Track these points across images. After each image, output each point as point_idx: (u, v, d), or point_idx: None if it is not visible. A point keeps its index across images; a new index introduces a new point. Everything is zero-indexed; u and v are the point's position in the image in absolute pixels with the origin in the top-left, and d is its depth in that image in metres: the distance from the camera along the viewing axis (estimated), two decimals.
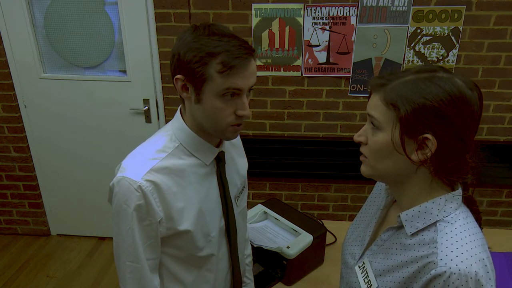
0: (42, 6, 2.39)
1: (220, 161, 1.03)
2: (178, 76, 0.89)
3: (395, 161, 0.78)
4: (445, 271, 0.71)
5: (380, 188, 1.04)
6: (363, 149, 0.85)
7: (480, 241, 0.76)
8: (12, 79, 2.54)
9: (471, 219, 0.80)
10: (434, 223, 0.78)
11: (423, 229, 0.79)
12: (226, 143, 1.09)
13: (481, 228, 0.82)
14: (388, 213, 0.95)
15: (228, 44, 0.85)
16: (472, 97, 0.73)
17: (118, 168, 0.94)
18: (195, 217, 0.98)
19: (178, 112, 1.00)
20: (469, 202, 0.85)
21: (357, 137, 0.86)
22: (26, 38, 2.43)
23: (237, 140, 1.17)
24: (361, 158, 0.87)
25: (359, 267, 0.92)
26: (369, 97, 0.84)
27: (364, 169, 0.86)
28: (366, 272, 0.89)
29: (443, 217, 0.78)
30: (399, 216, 0.83)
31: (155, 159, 0.93)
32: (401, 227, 0.83)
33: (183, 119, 0.98)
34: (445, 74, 0.75)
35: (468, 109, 0.73)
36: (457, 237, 0.75)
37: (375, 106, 0.79)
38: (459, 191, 0.80)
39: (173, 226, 0.95)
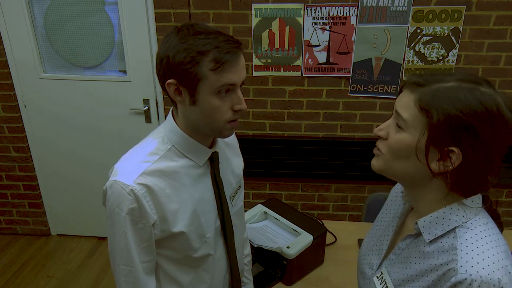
0: (42, 6, 2.39)
1: (213, 161, 1.03)
2: (170, 80, 0.88)
3: (412, 165, 0.76)
4: (465, 278, 0.68)
5: (395, 195, 1.00)
6: (380, 144, 0.81)
7: (503, 248, 0.73)
8: (12, 79, 2.54)
9: (492, 224, 0.77)
10: (453, 229, 0.75)
11: (442, 236, 0.76)
12: (220, 143, 1.08)
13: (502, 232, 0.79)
14: (406, 220, 0.92)
15: (216, 41, 0.85)
16: (510, 118, 0.70)
17: (111, 171, 0.94)
18: (190, 219, 0.98)
19: (170, 114, 1.00)
20: (492, 215, 0.81)
21: (378, 131, 0.81)
22: (26, 38, 2.43)
23: (232, 140, 1.17)
24: (375, 150, 0.83)
25: (377, 278, 0.89)
26: (399, 93, 0.80)
27: (375, 163, 0.82)
28: (385, 283, 0.86)
29: (462, 223, 0.75)
30: (416, 223, 0.80)
31: (147, 162, 0.93)
32: (419, 234, 0.81)
33: (175, 122, 0.98)
34: (488, 89, 0.71)
35: (503, 130, 0.70)
36: (477, 243, 0.72)
37: (407, 106, 0.75)
38: (477, 197, 0.77)
39: (167, 228, 0.95)
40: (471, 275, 0.68)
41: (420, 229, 0.79)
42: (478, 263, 0.69)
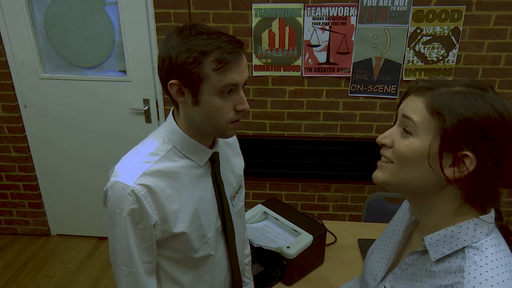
0: (42, 6, 2.39)
1: (214, 162, 1.03)
2: (172, 81, 0.88)
3: (421, 173, 0.71)
4: None
5: (406, 204, 0.96)
6: (386, 152, 0.76)
7: None
8: (12, 79, 2.54)
9: (504, 246, 0.72)
10: (462, 249, 0.71)
11: (449, 255, 0.72)
12: (221, 143, 1.08)
13: None
14: (413, 234, 0.89)
15: (218, 41, 0.85)
16: None
17: (111, 172, 0.94)
18: (190, 219, 0.98)
19: (170, 115, 1.00)
20: (503, 231, 0.76)
21: (382, 138, 0.77)
22: (26, 38, 2.43)
23: (233, 140, 1.17)
24: (380, 162, 0.78)
25: None
26: (403, 98, 0.77)
27: (380, 175, 0.77)
28: None
29: (472, 243, 0.70)
30: (423, 239, 0.76)
31: (148, 162, 0.93)
32: (426, 251, 0.76)
33: (176, 122, 0.97)
34: (495, 95, 0.69)
35: None
36: (487, 266, 0.67)
37: (417, 109, 0.71)
38: (490, 215, 0.72)
39: (168, 229, 0.95)
40: None
41: (427, 246, 0.75)
42: None
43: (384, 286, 0.85)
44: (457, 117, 0.67)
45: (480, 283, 0.66)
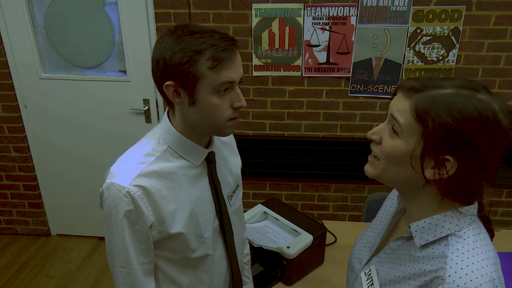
0: (42, 6, 2.39)
1: (210, 161, 1.03)
2: (168, 82, 0.88)
3: (405, 172, 0.75)
4: None
5: (394, 193, 1.01)
6: (375, 148, 0.80)
7: (493, 260, 0.73)
8: (12, 79, 2.54)
9: (484, 235, 0.77)
10: (446, 237, 0.75)
11: (433, 242, 0.76)
12: (217, 143, 1.08)
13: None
14: (399, 221, 0.92)
15: (211, 39, 0.85)
16: (505, 125, 0.69)
17: (107, 173, 0.94)
18: (187, 219, 0.97)
19: (165, 115, 0.99)
20: (484, 220, 0.81)
21: (371, 134, 0.80)
22: (26, 38, 2.43)
23: (230, 139, 1.17)
24: (370, 158, 0.82)
25: (365, 274, 0.89)
26: (393, 96, 0.78)
27: (369, 170, 0.82)
28: (372, 280, 0.86)
29: (455, 231, 0.75)
30: (409, 226, 0.80)
31: (143, 163, 0.92)
32: (411, 238, 0.80)
33: (171, 123, 0.97)
34: (485, 96, 0.70)
35: (500, 138, 0.69)
36: (468, 253, 0.72)
37: (403, 111, 0.73)
38: (473, 207, 0.76)
39: (165, 230, 0.94)
40: (458, 286, 0.68)
41: (412, 233, 0.79)
42: (466, 274, 0.69)
43: (370, 269, 0.89)
44: (439, 123, 0.68)
45: (462, 268, 0.70)
